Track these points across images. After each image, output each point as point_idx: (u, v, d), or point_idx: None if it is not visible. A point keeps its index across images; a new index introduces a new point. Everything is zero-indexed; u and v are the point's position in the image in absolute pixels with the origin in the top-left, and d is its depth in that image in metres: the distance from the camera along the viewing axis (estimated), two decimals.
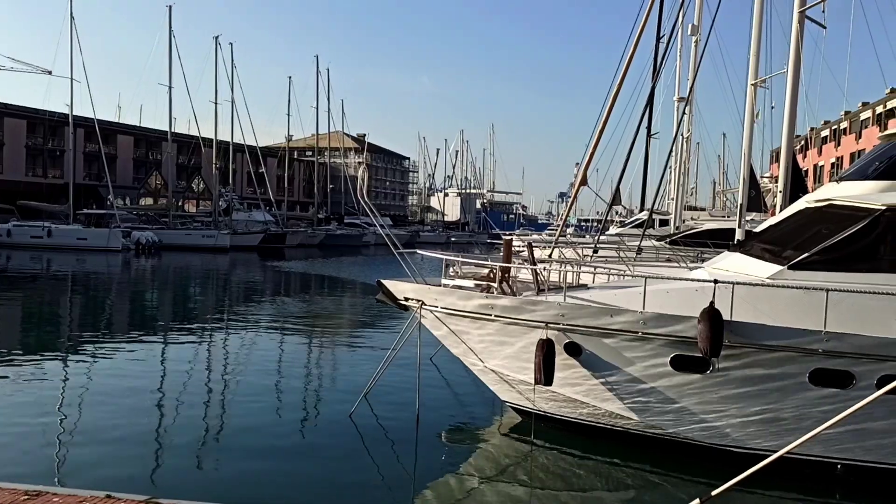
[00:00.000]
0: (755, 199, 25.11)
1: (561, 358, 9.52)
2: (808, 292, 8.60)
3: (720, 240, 19.85)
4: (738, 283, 8.85)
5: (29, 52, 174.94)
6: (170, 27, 64.28)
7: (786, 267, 9.12)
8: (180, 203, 78.17)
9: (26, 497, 6.30)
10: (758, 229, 12.85)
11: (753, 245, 10.40)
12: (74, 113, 60.49)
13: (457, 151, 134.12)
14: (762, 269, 9.38)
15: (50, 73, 63.24)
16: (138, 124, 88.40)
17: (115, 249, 54.44)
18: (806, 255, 9.09)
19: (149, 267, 46.86)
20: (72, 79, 58.14)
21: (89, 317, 24.26)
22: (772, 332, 8.61)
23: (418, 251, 11.90)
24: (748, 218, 18.24)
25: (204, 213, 74.74)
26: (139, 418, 11.02)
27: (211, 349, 17.83)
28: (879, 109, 59.21)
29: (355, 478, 9.03)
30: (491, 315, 10.02)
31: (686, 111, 30.08)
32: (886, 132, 10.76)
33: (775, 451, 6.48)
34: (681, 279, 10.02)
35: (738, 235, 15.88)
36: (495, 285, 10.76)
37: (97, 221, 61.40)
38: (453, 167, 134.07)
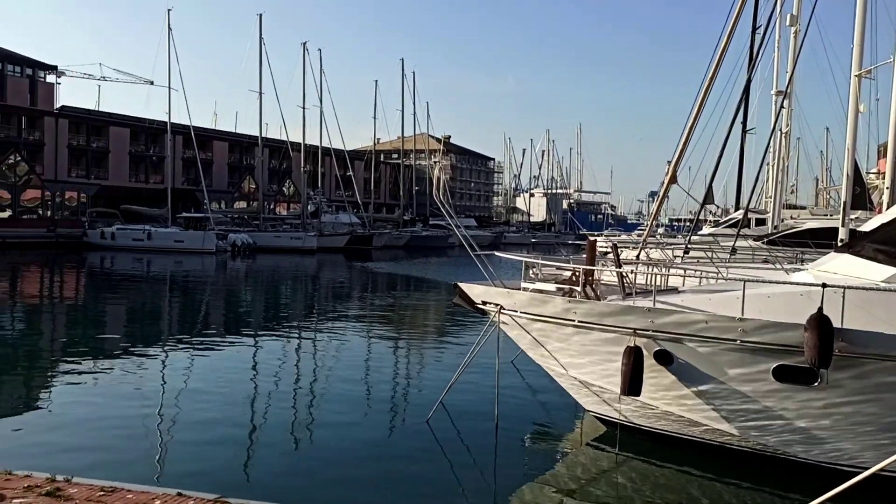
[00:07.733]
0: (860, 197, 23.51)
1: (650, 366, 8.95)
2: None
3: (822, 239, 18.65)
4: (849, 288, 8.07)
5: (132, 63, 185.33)
6: (260, 35, 66.34)
7: None
8: (272, 206, 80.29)
9: (102, 493, 6.38)
10: (866, 228, 11.85)
11: (864, 245, 9.52)
12: (172, 120, 62.99)
13: (543, 151, 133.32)
14: (876, 272, 8.56)
15: (152, 83, 66.42)
16: (233, 130, 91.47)
17: (209, 251, 56.32)
18: None
19: (243, 268, 48.35)
20: (170, 88, 60.63)
21: (188, 315, 25.31)
22: (889, 340, 7.80)
23: (496, 253, 11.50)
24: (853, 216, 17.03)
25: (293, 216, 76.52)
26: (221, 416, 11.12)
27: (297, 350, 18.06)
28: None
29: (432, 485, 8.78)
30: (573, 320, 9.54)
31: (784, 105, 28.49)
32: None
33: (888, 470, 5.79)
34: (784, 283, 9.27)
35: (842, 235, 14.80)
36: (578, 289, 10.25)
37: (195, 224, 63.66)
38: (539, 167, 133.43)
